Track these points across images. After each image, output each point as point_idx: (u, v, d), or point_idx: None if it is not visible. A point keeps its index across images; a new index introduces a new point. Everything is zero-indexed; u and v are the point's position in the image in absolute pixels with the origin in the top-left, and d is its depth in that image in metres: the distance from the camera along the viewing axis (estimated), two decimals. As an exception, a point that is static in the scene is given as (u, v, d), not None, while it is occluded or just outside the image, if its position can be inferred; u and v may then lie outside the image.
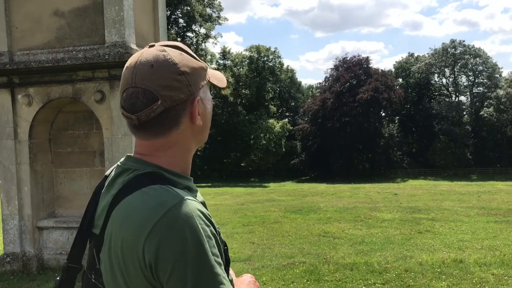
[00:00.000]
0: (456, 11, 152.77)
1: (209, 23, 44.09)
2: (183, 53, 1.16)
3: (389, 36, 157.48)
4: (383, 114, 62.70)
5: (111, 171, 1.24)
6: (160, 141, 1.15)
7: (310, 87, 76.24)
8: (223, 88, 1.33)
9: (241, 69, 50.91)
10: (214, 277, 1.00)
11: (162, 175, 1.13)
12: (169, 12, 42.29)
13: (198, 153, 46.99)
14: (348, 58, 60.68)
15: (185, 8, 41.88)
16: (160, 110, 1.10)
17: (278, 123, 53.87)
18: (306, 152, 60.03)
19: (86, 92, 6.82)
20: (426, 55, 67.13)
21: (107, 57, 6.49)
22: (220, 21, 45.25)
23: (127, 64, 1.15)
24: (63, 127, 7.56)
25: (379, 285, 5.36)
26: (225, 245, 1.18)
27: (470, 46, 64.79)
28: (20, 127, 7.05)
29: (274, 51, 53.91)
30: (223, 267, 1.05)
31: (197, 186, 1.23)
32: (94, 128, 7.38)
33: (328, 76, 62.96)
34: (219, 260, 1.04)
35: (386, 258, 7.00)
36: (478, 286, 5.38)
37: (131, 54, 6.50)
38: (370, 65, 60.35)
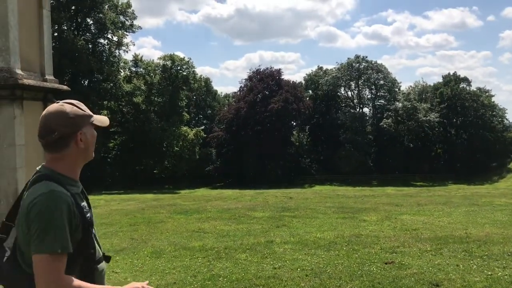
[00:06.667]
0: (367, 26, 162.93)
1: (121, 31, 44.54)
2: (74, 106, 2.06)
3: (305, 47, 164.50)
4: (294, 124, 66.36)
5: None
6: (55, 155, 2.04)
7: (227, 95, 78.46)
8: (99, 127, 2.19)
9: (154, 77, 51.65)
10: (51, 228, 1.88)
11: (53, 176, 2.02)
12: (80, 19, 42.26)
13: (108, 159, 46.96)
14: (261, 70, 63.77)
15: (98, 15, 42.10)
16: (57, 137, 1.99)
17: (192, 130, 55.17)
18: (221, 159, 61.92)
19: (-25, 108, 7.94)
20: (334, 69, 71.97)
21: (-6, 80, 7.70)
22: (134, 29, 45.91)
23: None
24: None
25: (200, 258, 7.11)
26: (87, 215, 2.07)
27: (373, 62, 70.51)
28: None
29: (188, 61, 55.32)
30: (66, 228, 1.91)
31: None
32: (-16, 139, 8.47)
33: (242, 86, 65.63)
34: (59, 222, 1.89)
35: (228, 244, 8.79)
36: (267, 255, 7.34)
37: (16, 78, 7.79)
38: (282, 77, 63.84)
